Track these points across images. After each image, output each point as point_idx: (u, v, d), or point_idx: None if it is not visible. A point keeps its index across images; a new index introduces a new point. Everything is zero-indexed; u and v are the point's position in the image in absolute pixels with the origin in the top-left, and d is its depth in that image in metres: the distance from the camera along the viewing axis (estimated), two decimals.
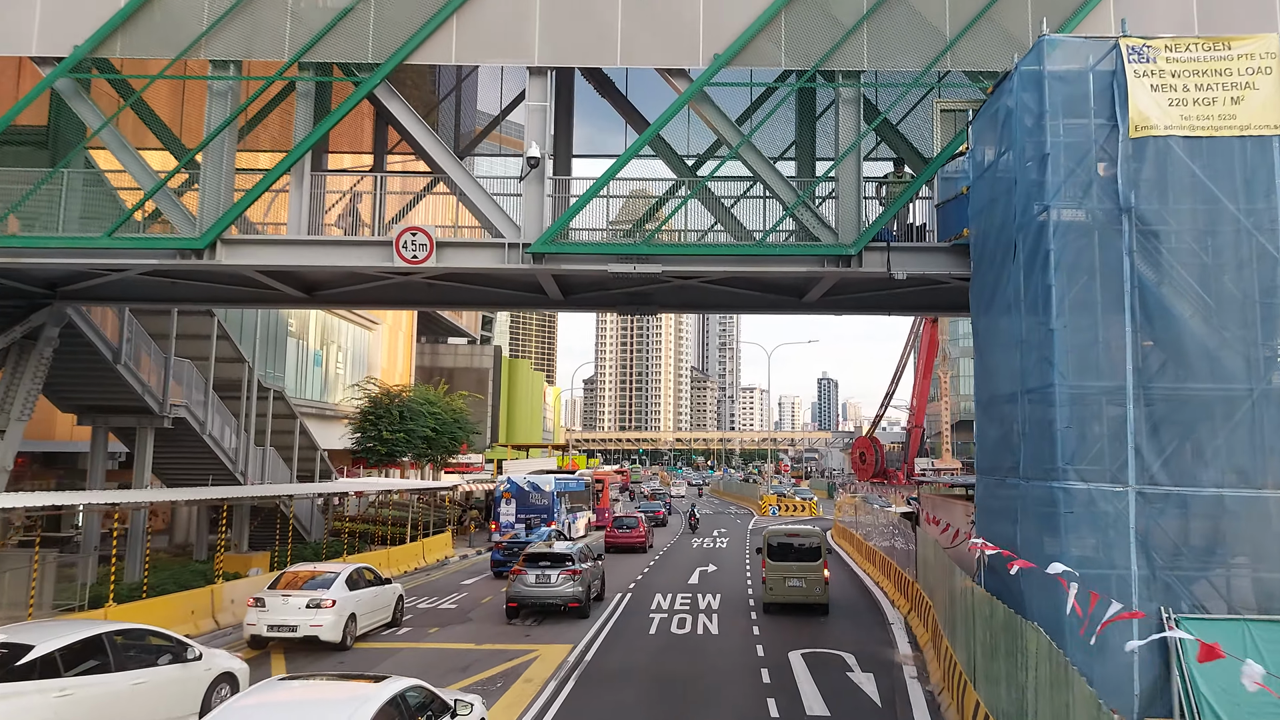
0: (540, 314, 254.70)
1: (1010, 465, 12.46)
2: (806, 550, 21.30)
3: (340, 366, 52.49)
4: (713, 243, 15.60)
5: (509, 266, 14.72)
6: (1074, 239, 11.75)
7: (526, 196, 14.89)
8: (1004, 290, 12.89)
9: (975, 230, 14.23)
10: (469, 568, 32.00)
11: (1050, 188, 11.72)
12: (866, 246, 14.76)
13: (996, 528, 13.06)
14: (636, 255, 14.59)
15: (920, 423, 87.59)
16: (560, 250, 14.52)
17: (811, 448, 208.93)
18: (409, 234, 14.36)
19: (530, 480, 37.47)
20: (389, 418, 40.14)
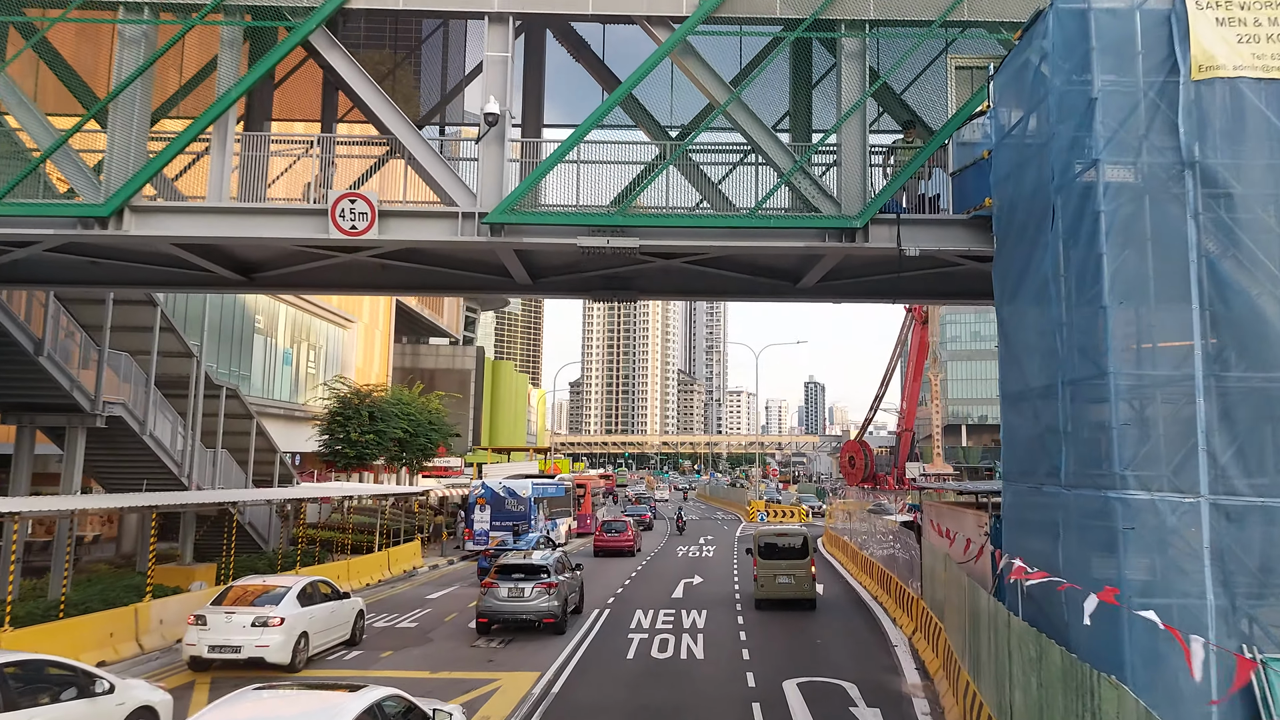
0: (526, 315, 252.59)
1: (1048, 470, 10.52)
2: (794, 549, 22.67)
3: (313, 366, 50.26)
4: (698, 213, 13.62)
5: (463, 239, 12.70)
6: (1126, 202, 9.84)
7: (484, 160, 12.87)
8: (1038, 265, 10.98)
9: (1000, 200, 12.33)
10: (438, 579, 29.87)
11: (1098, 139, 9.81)
12: (873, 219, 12.84)
13: (1028, 543, 11.13)
14: (610, 227, 12.60)
15: (910, 426, 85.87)
16: (521, 220, 12.51)
17: (799, 451, 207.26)
18: (346, 201, 12.33)
19: (506, 485, 35.42)
20: (358, 419, 37.95)
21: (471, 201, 12.74)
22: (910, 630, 19.61)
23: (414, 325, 76.16)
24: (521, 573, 19.16)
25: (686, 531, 53.56)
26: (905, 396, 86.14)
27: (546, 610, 18.74)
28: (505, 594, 18.78)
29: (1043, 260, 10.78)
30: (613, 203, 13.64)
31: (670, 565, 33.66)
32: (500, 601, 18.79)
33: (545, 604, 18.73)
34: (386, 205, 12.77)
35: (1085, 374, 9.74)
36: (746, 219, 12.82)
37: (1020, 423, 11.63)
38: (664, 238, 12.95)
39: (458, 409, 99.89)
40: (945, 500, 22.17)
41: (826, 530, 43.90)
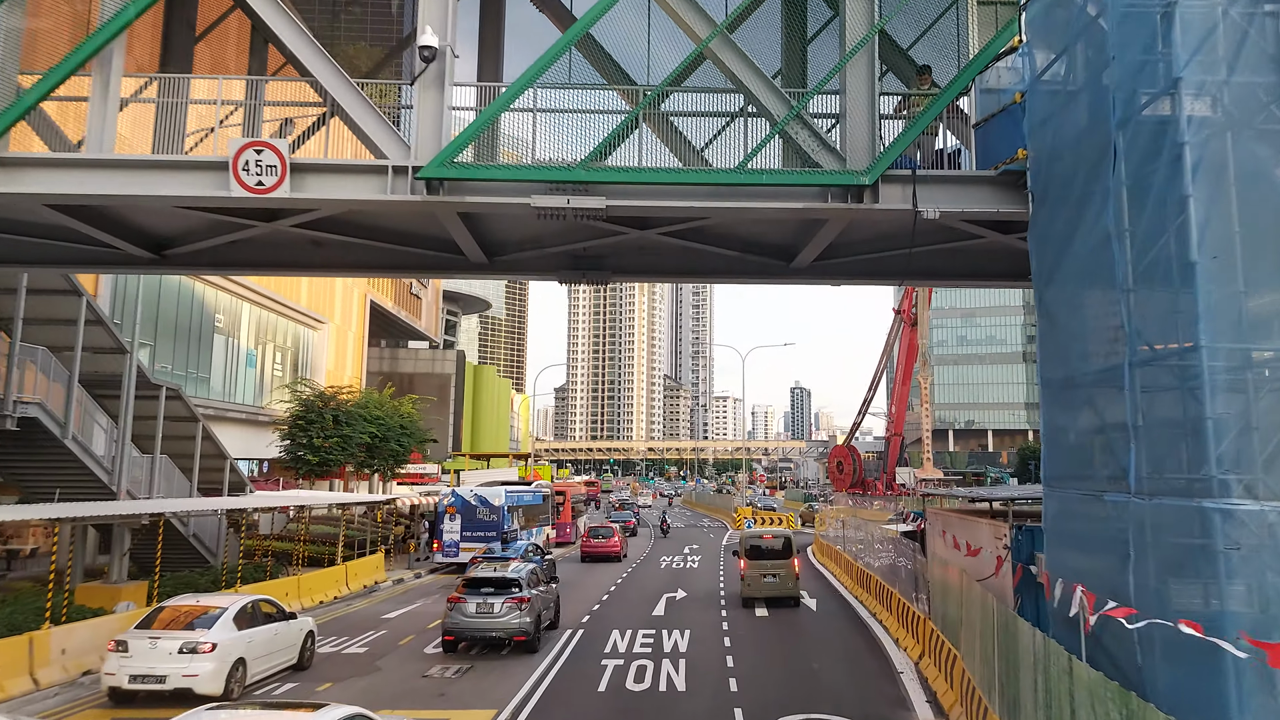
0: (509, 319, 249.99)
1: (1110, 474, 8.42)
2: (778, 550, 24.05)
3: (279, 368, 47.81)
4: (677, 168, 11.46)
5: (393, 198, 10.51)
6: (1209, 138, 7.81)
7: (420, 107, 10.70)
8: (1091, 223, 8.90)
9: (1036, 150, 10.28)
10: (401, 595, 27.54)
11: (1178, 56, 7.75)
12: (884, 175, 10.74)
13: (1079, 561, 9.04)
14: (572, 184, 10.46)
15: (899, 431, 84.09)
16: (461, 176, 10.34)
17: (785, 457, 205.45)
18: (251, 152, 10.13)
19: (477, 493, 33.12)
20: (321, 423, 35.59)
21: (405, 154, 10.57)
22: (917, 654, 17.49)
23: (391, 328, 73.80)
24: (491, 587, 17.78)
25: (671, 538, 51.47)
26: (894, 400, 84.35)
27: (517, 627, 17.29)
28: (473, 609, 17.38)
29: (1098, 215, 8.70)
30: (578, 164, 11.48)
31: (653, 577, 31.46)
32: (468, 618, 17.38)
33: (516, 620, 17.28)
34: (303, 159, 10.57)
35: (1163, 352, 7.66)
36: (733, 175, 10.69)
37: (1067, 417, 9.54)
38: (636, 197, 10.80)
39: (437, 414, 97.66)
40: (954, 508, 20.09)
41: (816, 539, 41.79)
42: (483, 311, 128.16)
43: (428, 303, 78.19)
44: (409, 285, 71.79)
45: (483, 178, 10.41)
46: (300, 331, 51.23)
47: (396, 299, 68.66)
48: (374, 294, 62.59)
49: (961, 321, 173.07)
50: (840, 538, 33.74)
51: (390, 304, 66.62)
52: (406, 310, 71.63)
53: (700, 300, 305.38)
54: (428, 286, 77.46)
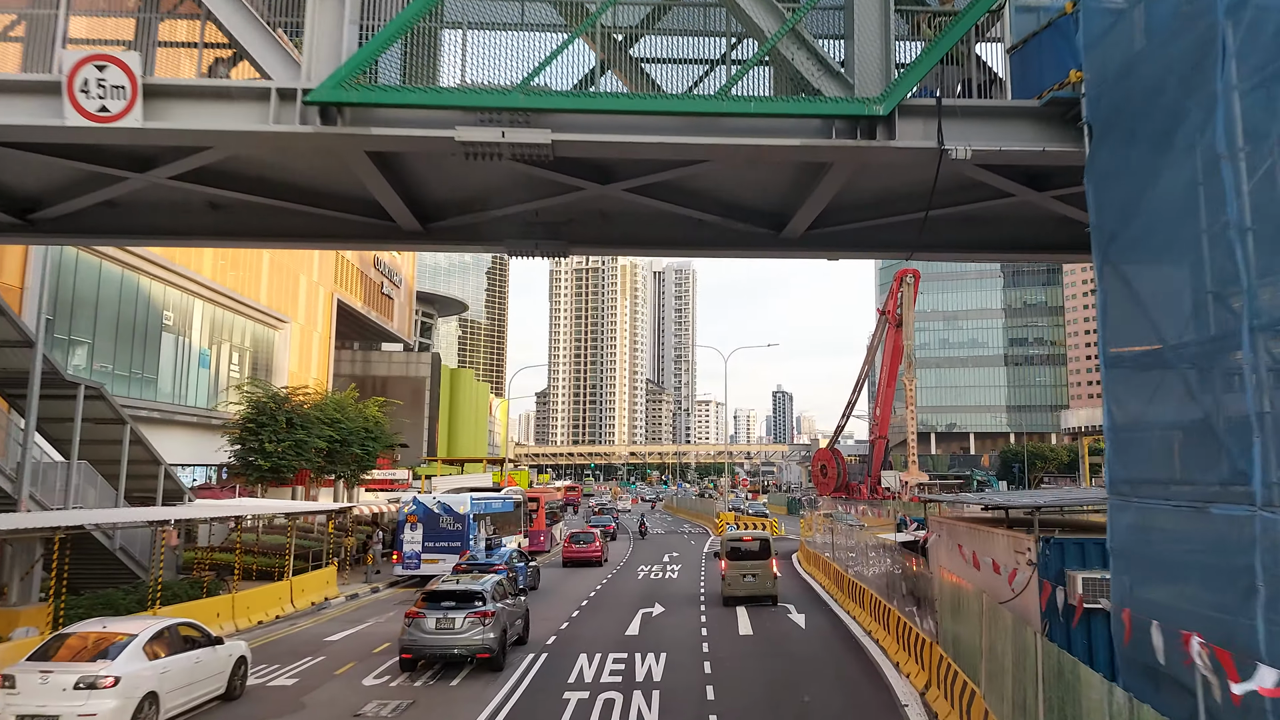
0: (489, 323, 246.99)
1: (1221, 478, 6.24)
2: (756, 551, 25.01)
3: (236, 369, 45.15)
4: (640, 94, 9.19)
5: (278, 129, 8.18)
6: None
7: (314, 16, 8.36)
8: (1184, 148, 6.75)
9: (1095, 70, 8.13)
10: (353, 613, 25.07)
11: None
12: (901, 105, 8.54)
13: (1169, 595, 6.85)
14: (508, 111, 8.18)
15: (884, 434, 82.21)
16: (363, 100, 8.04)
17: (768, 461, 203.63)
18: (92, 69, 7.77)
19: (441, 501, 30.68)
20: (274, 426, 33.04)
21: (294, 75, 8.26)
22: (922, 683, 15.26)
23: (363, 330, 71.13)
24: (453, 600, 16.52)
25: (650, 545, 49.21)
26: (878, 402, 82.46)
27: (480, 644, 16.01)
28: (433, 625, 16.06)
29: (1196, 138, 6.53)
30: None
31: (628, 589, 29.13)
32: (427, 634, 16.05)
33: (479, 636, 16.01)
34: (160, 81, 8.21)
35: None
36: (713, 103, 8.44)
37: (1147, 405, 7.33)
38: (590, 131, 8.51)
39: (411, 418, 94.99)
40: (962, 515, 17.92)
41: (801, 545, 39.60)
42: (460, 314, 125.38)
43: (400, 303, 75.57)
44: (379, 285, 69.21)
45: (391, 103, 8.08)
46: (260, 331, 48.56)
47: (366, 299, 66.05)
48: (342, 293, 59.99)
49: (944, 325, 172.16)
50: (828, 545, 31.59)
51: (359, 304, 64.00)
52: (377, 311, 69.00)
53: (682, 304, 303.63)
54: (400, 286, 74.89)
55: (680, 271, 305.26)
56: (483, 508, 32.15)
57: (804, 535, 42.28)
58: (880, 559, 21.45)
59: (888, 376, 78.49)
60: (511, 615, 17.88)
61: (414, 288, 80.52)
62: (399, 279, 74.29)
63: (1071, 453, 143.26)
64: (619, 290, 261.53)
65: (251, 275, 46.57)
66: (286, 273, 50.93)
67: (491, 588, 17.18)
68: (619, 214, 11.66)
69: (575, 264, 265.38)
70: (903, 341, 75.91)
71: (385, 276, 70.17)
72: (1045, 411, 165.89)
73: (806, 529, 42.09)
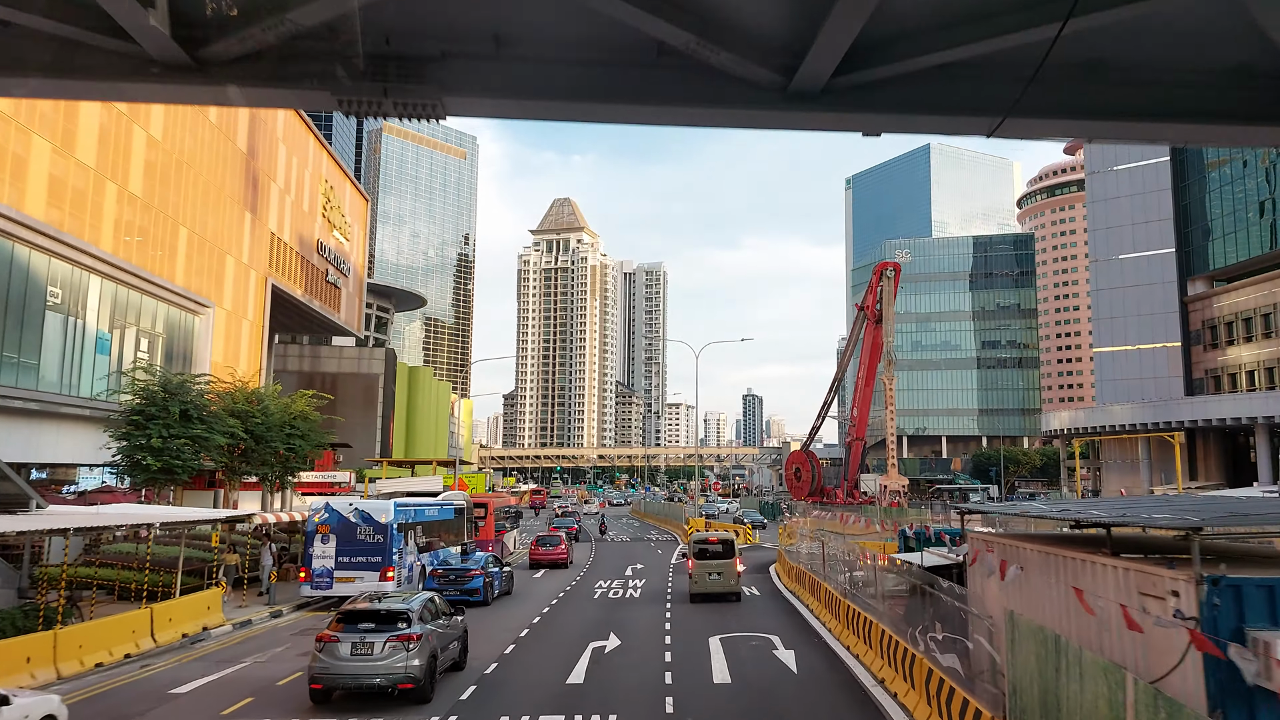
0: (456, 323, 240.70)
1: None
2: (722, 551, 26.02)
3: (144, 356, 39.68)
4: None
5: None
6: None
7: None
8: None
9: None
10: (235, 646, 20.03)
11: None
12: None
13: None
14: None
15: (861, 435, 77.96)
16: None
17: (738, 464, 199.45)
18: None
19: (359, 507, 25.66)
20: (165, 419, 27.84)
21: None
22: None
23: (306, 321, 65.56)
24: (372, 621, 14.47)
25: (612, 552, 44.48)
26: (855, 403, 78.27)
27: (403, 673, 13.97)
28: (348, 651, 14.01)
29: None
30: None
31: (581, 611, 24.30)
32: (341, 661, 13.94)
33: (402, 664, 13.98)
34: None
35: None
36: None
37: None
38: None
39: (364, 417, 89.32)
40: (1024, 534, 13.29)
41: (781, 557, 35.06)
42: (417, 308, 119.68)
43: (348, 294, 70.16)
44: (324, 272, 63.80)
45: None
46: (176, 316, 43.12)
47: (307, 287, 60.61)
48: (278, 278, 54.56)
49: (916, 327, 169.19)
50: (813, 557, 27.00)
51: (299, 292, 58.55)
52: (321, 300, 63.51)
53: (653, 305, 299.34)
54: (349, 276, 69.52)
55: (651, 273, 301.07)
56: (411, 515, 27.16)
57: (783, 544, 37.70)
58: (887, 581, 16.82)
59: (866, 375, 74.42)
60: (444, 638, 15.49)
61: (364, 278, 75.04)
62: (347, 267, 68.91)
63: (1045, 456, 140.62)
64: (588, 290, 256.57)
65: (165, 251, 41.19)
66: (210, 252, 45.55)
67: (419, 607, 14.99)
68: (523, 37, 6.91)
69: (544, 262, 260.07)
70: (882, 338, 71.87)
71: (330, 263, 64.76)
72: (1017, 415, 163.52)
73: (787, 537, 37.52)
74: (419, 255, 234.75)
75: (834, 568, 22.65)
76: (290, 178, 57.06)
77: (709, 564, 25.66)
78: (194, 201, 43.77)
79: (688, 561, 26.43)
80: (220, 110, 46.50)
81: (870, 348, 73.59)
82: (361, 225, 74.62)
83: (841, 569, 21.10)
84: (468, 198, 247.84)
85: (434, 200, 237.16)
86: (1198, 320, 71.87)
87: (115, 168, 37.17)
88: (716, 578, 25.51)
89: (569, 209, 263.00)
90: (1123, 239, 78.74)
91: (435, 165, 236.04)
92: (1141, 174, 77.35)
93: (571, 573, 35.74)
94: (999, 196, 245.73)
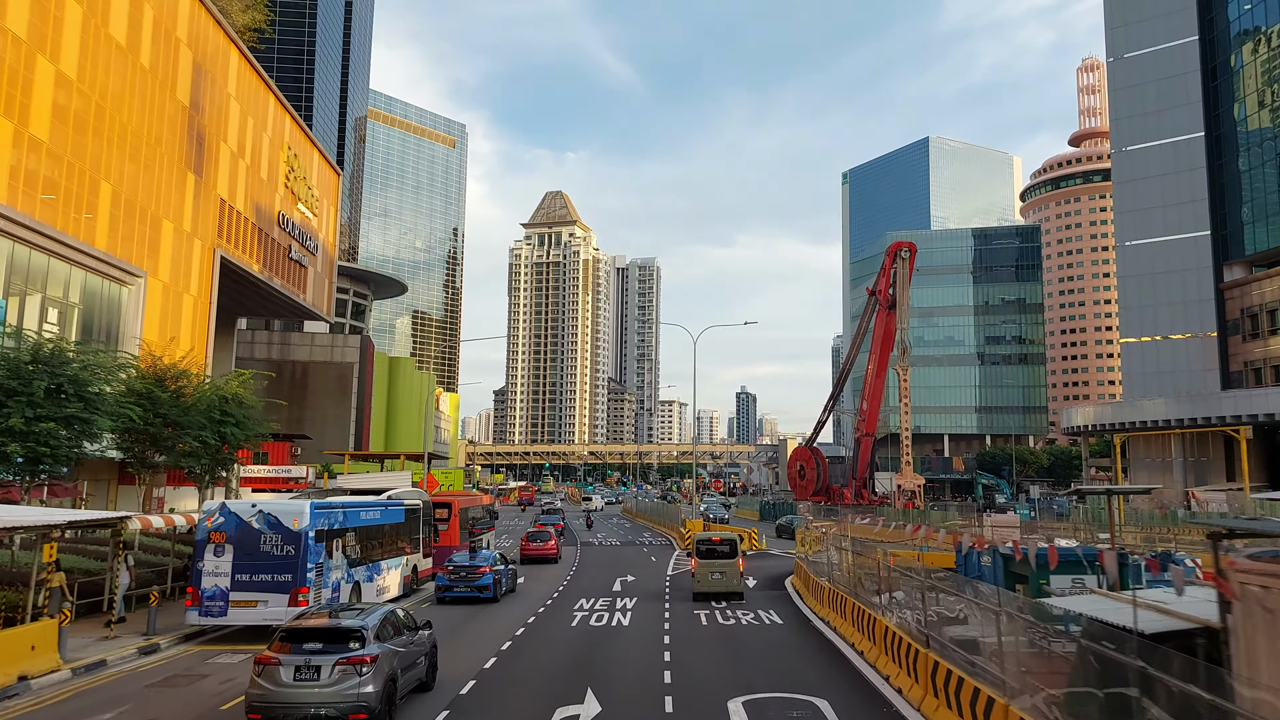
0: (443, 316, 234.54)
1: None
2: (725, 550, 26.19)
3: (53, 328, 33.63)
4: None
5: None
6: None
7: None
8: None
9: None
10: (61, 705, 14.06)
11: None
12: None
13: None
14: None
15: (872, 430, 72.19)
16: None
17: (733, 461, 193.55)
18: None
19: (264, 510, 19.69)
20: (28, 395, 21.83)
21: None
22: None
23: (266, 301, 59.29)
24: (319, 641, 12.17)
25: (600, 559, 38.67)
26: (865, 395, 72.40)
27: (354, 702, 11.76)
28: (290, 676, 11.82)
29: None
30: None
31: (558, 643, 18.35)
32: (282, 688, 11.76)
33: (354, 690, 11.81)
34: None
35: None
36: None
37: None
38: None
39: (337, 408, 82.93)
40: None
41: (799, 569, 29.25)
42: (398, 295, 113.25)
43: (317, 274, 64.01)
44: (286, 248, 57.69)
45: None
46: (97, 285, 37.01)
47: (266, 262, 54.44)
48: (229, 250, 48.40)
49: (918, 322, 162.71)
50: (850, 578, 21.05)
51: (255, 267, 52.37)
52: (284, 279, 57.31)
53: (646, 301, 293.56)
54: (317, 255, 63.41)
55: (644, 268, 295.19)
56: (338, 520, 21.21)
57: (802, 553, 31.79)
58: (1041, 650, 10.82)
59: (877, 366, 68.63)
60: (406, 657, 13.41)
61: (335, 258, 68.87)
62: (314, 244, 62.78)
63: (1053, 455, 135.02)
64: (580, 285, 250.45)
65: (81, 209, 35.10)
66: (141, 215, 39.44)
67: (376, 623, 12.95)
68: None
69: (536, 256, 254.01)
70: (895, 325, 66.05)
71: (294, 239, 58.62)
72: (1019, 413, 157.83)
73: (808, 545, 31.61)
74: (406, 248, 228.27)
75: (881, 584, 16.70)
76: (245, 140, 50.93)
77: (713, 564, 25.75)
78: (120, 155, 37.66)
79: (690, 561, 26.97)
80: (154, 54, 40.43)
81: (882, 336, 67.81)
82: (332, 201, 68.48)
83: (913, 599, 15.09)
84: (456, 188, 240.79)
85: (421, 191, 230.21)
86: (1235, 309, 66.23)
87: (11, 103, 31.09)
88: (719, 577, 25.66)
89: (561, 202, 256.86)
90: (1151, 222, 73.05)
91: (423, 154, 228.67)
92: (1173, 151, 71.62)
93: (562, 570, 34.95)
94: (999, 191, 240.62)
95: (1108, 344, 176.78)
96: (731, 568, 25.63)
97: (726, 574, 25.55)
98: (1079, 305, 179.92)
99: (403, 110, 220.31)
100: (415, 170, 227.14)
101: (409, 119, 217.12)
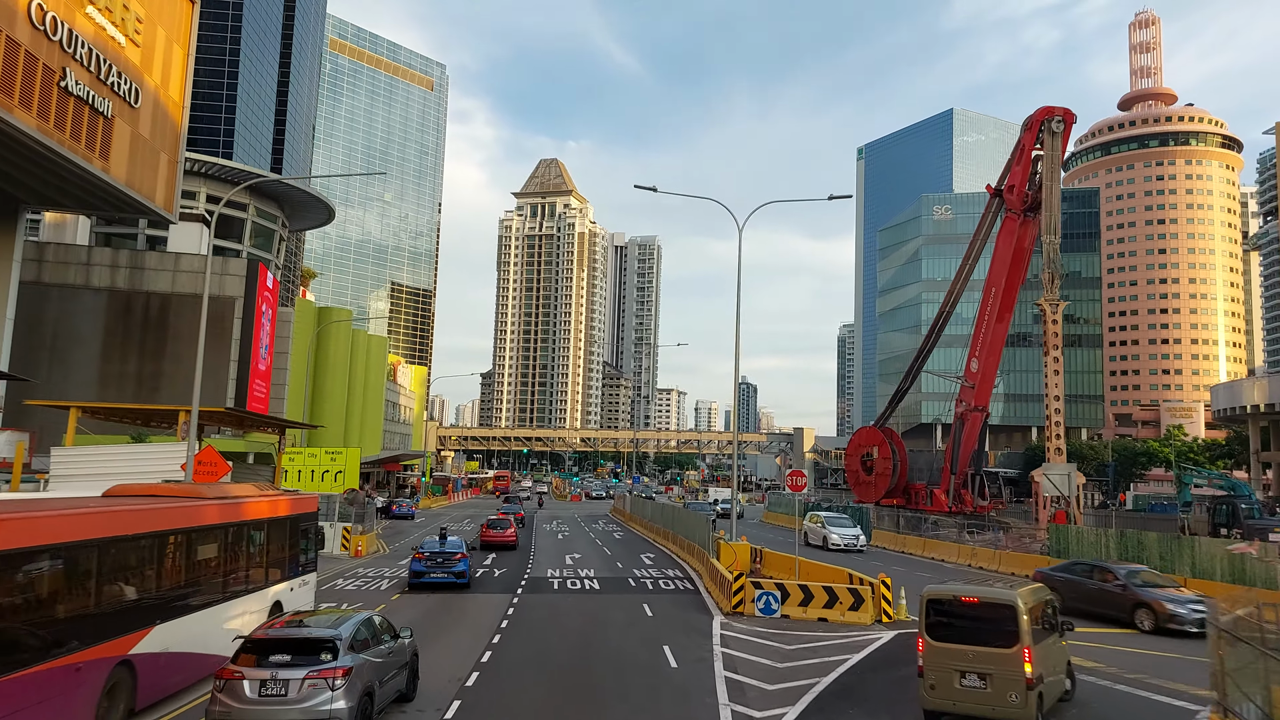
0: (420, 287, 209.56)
1: None
2: (992, 627, 11.54)
3: None
4: None
5: None
6: None
7: None
8: None
9: None
10: None
11: None
12: None
13: None
14: None
15: (984, 403, 48.02)
16: None
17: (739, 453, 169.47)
18: None
19: None
20: None
21: None
22: None
23: (46, 173, 35.25)
24: (287, 652, 10.72)
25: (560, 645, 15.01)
26: (978, 347, 48.21)
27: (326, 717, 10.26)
28: (255, 691, 10.35)
29: None
30: None
31: None
32: (245, 705, 10.29)
33: (325, 706, 10.34)
34: None
35: None
36: None
37: None
38: None
39: (212, 358, 57.66)
40: None
41: None
42: (323, 224, 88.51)
43: (137, 134, 39.28)
44: (58, 73, 33.00)
45: None
46: None
47: (3, 87, 29.77)
48: None
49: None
50: None
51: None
52: (58, 129, 32.62)
53: (645, 282, 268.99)
54: (136, 108, 38.70)
55: (644, 247, 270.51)
56: None
57: None
58: None
59: (1000, 304, 44.13)
60: (385, 668, 11.77)
61: (182, 124, 43.81)
62: (131, 89, 38.11)
63: (1119, 452, 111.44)
64: (575, 260, 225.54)
65: None
66: None
67: (350, 632, 11.14)
68: None
69: (528, 228, 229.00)
70: (1042, 236, 41.49)
71: (71, 57, 33.86)
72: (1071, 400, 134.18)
73: None
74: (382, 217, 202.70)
75: None
76: None
77: (962, 650, 11.54)
78: None
79: (917, 642, 11.93)
80: None
81: (1011, 256, 43.24)
82: (177, 34, 43.61)
83: None
84: (434, 140, 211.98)
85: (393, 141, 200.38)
86: None
87: None
88: (978, 684, 11.35)
89: (556, 170, 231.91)
90: None
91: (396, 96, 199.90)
92: None
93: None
94: None
95: (1163, 329, 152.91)
96: (1006, 666, 11.06)
97: (993, 679, 11.10)
98: (1130, 285, 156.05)
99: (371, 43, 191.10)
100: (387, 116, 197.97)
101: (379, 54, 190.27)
